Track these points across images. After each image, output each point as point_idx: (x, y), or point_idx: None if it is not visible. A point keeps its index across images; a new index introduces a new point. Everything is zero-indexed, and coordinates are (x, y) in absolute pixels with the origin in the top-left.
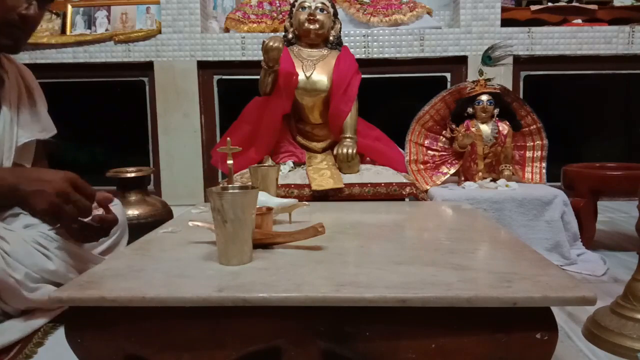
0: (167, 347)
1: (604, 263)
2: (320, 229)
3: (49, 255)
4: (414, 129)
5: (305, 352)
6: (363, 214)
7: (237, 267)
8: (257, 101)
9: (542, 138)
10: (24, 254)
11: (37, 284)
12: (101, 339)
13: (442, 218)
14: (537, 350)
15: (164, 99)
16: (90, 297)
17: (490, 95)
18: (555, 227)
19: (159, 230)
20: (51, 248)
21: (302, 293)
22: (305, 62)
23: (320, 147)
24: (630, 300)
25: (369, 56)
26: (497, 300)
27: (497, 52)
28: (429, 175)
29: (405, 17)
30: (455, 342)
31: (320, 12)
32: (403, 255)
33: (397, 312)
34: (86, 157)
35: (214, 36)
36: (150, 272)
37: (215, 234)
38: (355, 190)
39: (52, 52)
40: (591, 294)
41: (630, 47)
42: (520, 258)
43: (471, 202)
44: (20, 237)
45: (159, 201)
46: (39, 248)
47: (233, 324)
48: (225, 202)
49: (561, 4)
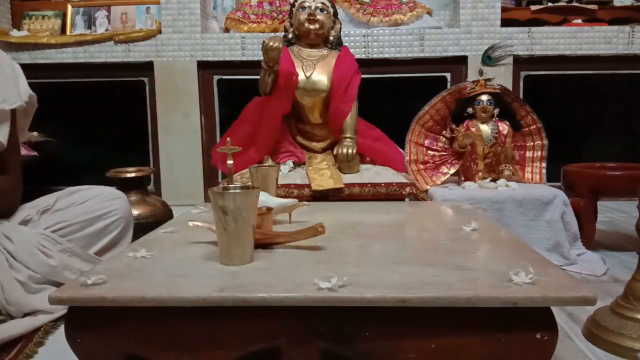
0: (167, 347)
1: (604, 263)
2: (320, 229)
3: (50, 254)
4: (414, 129)
5: (305, 352)
6: (363, 214)
7: (237, 267)
8: (257, 101)
9: (542, 138)
10: (27, 254)
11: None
12: (101, 339)
13: (442, 218)
14: (537, 350)
15: (164, 99)
16: (90, 297)
17: (490, 95)
18: (555, 227)
19: (159, 230)
20: (53, 250)
21: (302, 293)
22: (305, 62)
23: (320, 147)
24: (630, 300)
25: (369, 56)
26: (497, 300)
27: (497, 52)
28: (429, 175)
29: (405, 17)
30: (455, 342)
31: (320, 12)
32: (403, 255)
33: (397, 312)
34: (86, 157)
35: (214, 36)
36: (150, 272)
37: (216, 234)
38: (355, 190)
39: (52, 52)
40: (591, 294)
41: (630, 47)
42: (520, 258)
43: (471, 202)
44: (24, 237)
45: (159, 201)
46: (42, 248)
47: (233, 324)
48: (227, 202)
49: (561, 4)
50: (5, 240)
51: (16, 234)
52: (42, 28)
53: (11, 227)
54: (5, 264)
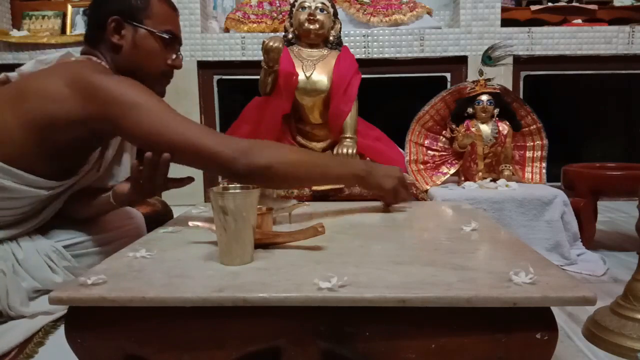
0: (167, 347)
1: (604, 263)
2: (320, 229)
3: (56, 270)
4: (414, 129)
5: (305, 352)
6: (363, 214)
7: (237, 267)
8: (257, 101)
9: (542, 138)
10: (33, 266)
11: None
12: (101, 339)
13: (442, 218)
14: (537, 350)
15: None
16: (90, 297)
17: (490, 95)
18: (555, 227)
19: (159, 230)
20: (59, 265)
21: (302, 293)
22: (305, 62)
23: (320, 147)
24: (630, 300)
25: (369, 56)
26: (497, 300)
27: (497, 52)
28: (429, 175)
29: (405, 17)
30: (455, 342)
31: (320, 12)
32: (403, 255)
33: (397, 312)
34: None
35: (214, 36)
36: (150, 272)
37: (216, 234)
38: (355, 190)
39: (52, 52)
40: (591, 294)
41: (630, 47)
42: (520, 258)
43: (471, 202)
44: (34, 247)
45: (159, 201)
46: (48, 262)
47: (233, 324)
48: (227, 202)
49: (561, 4)
50: (16, 247)
51: (28, 241)
52: (42, 28)
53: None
54: (11, 271)
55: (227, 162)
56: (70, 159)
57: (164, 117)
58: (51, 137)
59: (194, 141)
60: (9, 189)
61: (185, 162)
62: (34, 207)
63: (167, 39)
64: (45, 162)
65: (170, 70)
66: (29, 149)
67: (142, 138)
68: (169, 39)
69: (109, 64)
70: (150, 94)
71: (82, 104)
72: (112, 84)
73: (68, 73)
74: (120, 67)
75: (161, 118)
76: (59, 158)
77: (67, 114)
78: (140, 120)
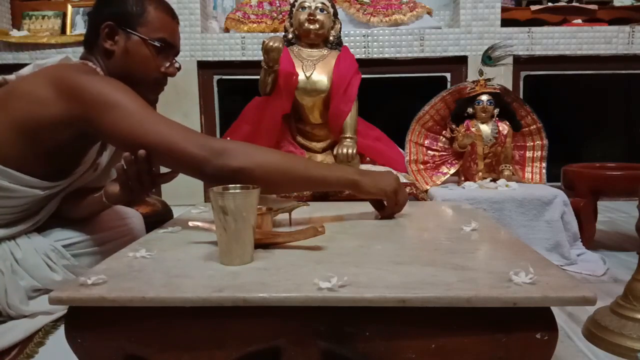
0: (167, 347)
1: (604, 263)
2: (320, 229)
3: (55, 268)
4: (414, 129)
5: (305, 352)
6: (363, 214)
7: (237, 267)
8: (257, 101)
9: (542, 138)
10: (32, 265)
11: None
12: (101, 339)
13: (442, 218)
14: (537, 350)
15: (164, 99)
16: (90, 297)
17: (490, 95)
18: (555, 227)
19: (159, 230)
20: (58, 264)
21: (302, 293)
22: (305, 62)
23: (320, 147)
24: (630, 300)
25: (369, 56)
26: (497, 300)
27: (497, 52)
28: (429, 175)
29: (405, 17)
30: (455, 342)
31: (320, 12)
32: (403, 255)
33: (397, 312)
34: None
35: (214, 36)
36: (150, 272)
37: (216, 234)
38: None
39: (52, 52)
40: (591, 294)
41: (630, 47)
42: (520, 258)
43: (471, 202)
44: (32, 246)
45: (159, 201)
46: (47, 260)
47: (233, 324)
48: (227, 202)
49: (561, 4)
50: (14, 246)
51: (26, 241)
52: (42, 28)
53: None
54: (10, 270)
55: (198, 163)
56: (63, 160)
57: (141, 118)
58: (39, 139)
59: (168, 141)
60: (5, 189)
61: (161, 162)
62: (31, 207)
63: (159, 46)
64: (38, 163)
65: (163, 77)
66: (20, 151)
67: (119, 138)
68: (161, 47)
69: (103, 70)
70: (132, 96)
71: (67, 105)
72: (94, 84)
73: (54, 75)
74: (113, 72)
75: (138, 119)
76: (51, 159)
77: (52, 116)
78: (117, 120)
